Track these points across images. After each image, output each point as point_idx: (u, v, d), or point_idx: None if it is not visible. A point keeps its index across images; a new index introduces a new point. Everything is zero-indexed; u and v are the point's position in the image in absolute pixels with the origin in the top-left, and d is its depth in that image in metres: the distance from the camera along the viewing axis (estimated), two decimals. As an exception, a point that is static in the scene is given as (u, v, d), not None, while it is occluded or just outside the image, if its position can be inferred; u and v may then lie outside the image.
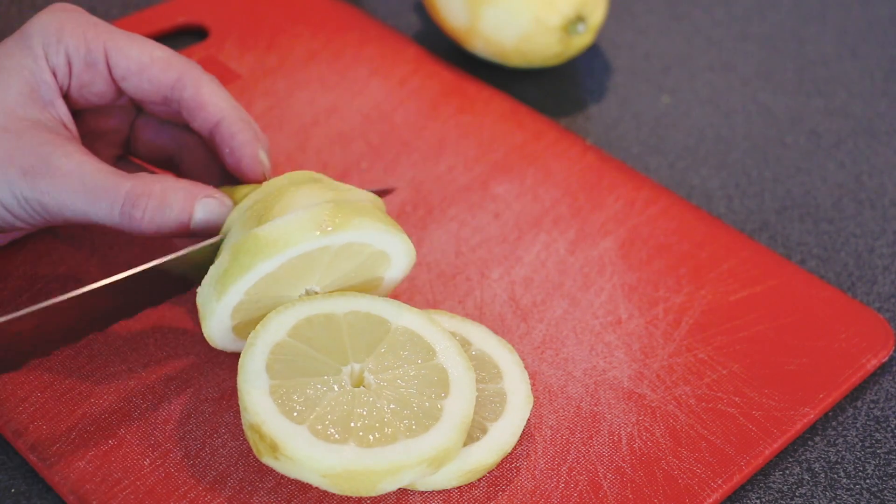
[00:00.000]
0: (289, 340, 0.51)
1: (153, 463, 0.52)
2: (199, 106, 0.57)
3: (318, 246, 0.52)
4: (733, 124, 0.73)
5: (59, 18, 0.55)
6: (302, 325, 0.52)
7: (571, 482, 0.52)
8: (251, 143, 0.57)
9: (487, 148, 0.68)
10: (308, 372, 0.50)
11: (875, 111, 0.74)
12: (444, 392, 0.50)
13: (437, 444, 0.49)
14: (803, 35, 0.81)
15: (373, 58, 0.74)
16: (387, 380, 0.51)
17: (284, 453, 0.48)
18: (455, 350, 0.52)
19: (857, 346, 0.58)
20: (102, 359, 0.56)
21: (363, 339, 0.52)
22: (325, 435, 0.48)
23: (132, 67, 0.56)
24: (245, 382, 0.49)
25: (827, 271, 0.64)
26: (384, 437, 0.48)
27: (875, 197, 0.68)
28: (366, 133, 0.69)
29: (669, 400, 0.55)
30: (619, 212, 0.64)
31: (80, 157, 0.53)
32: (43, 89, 0.55)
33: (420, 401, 0.50)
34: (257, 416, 0.48)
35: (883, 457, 0.55)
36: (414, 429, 0.49)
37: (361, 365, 0.51)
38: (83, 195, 0.52)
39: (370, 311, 0.53)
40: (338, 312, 0.53)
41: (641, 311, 0.59)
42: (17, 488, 0.53)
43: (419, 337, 0.52)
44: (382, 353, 0.51)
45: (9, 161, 0.52)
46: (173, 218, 0.53)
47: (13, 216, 0.53)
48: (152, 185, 0.53)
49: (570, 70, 0.77)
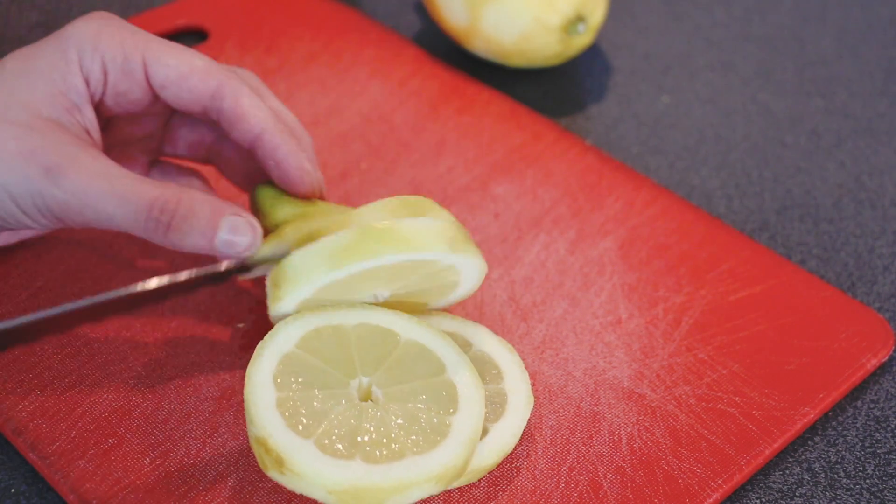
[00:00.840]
0: (297, 352, 0.50)
1: (153, 463, 0.52)
2: (239, 118, 0.56)
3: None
4: (733, 124, 0.73)
5: (98, 26, 0.55)
6: (310, 336, 0.51)
7: (572, 482, 0.52)
8: (295, 155, 0.56)
9: (487, 148, 0.68)
10: (315, 384, 0.49)
11: (875, 111, 0.74)
12: (452, 408, 0.50)
13: (444, 462, 0.48)
14: (803, 35, 0.81)
15: (372, 59, 0.74)
16: (395, 394, 0.50)
17: (290, 468, 0.47)
18: (465, 365, 0.52)
19: (857, 345, 0.58)
20: (102, 359, 0.56)
21: (372, 353, 0.51)
22: (331, 450, 0.47)
23: (171, 76, 0.55)
24: (252, 394, 0.49)
25: (827, 271, 0.64)
26: (392, 454, 0.48)
27: (875, 197, 0.68)
28: (365, 134, 0.69)
29: (669, 400, 0.55)
30: (619, 212, 0.64)
31: (107, 161, 0.53)
32: (72, 93, 0.54)
33: (428, 416, 0.49)
34: (263, 429, 0.48)
35: (883, 457, 0.55)
36: (422, 445, 0.48)
37: (370, 378, 0.50)
38: (111, 196, 0.51)
39: (380, 324, 0.52)
40: (347, 324, 0.52)
41: (641, 311, 0.59)
42: (17, 488, 0.53)
43: (429, 351, 0.52)
44: (391, 366, 0.51)
45: (31, 158, 0.51)
46: (199, 230, 0.52)
47: (25, 214, 0.53)
48: (180, 194, 0.52)
49: (570, 70, 0.77)
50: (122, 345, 0.57)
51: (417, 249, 0.51)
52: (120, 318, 0.58)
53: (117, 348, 0.57)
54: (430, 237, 0.51)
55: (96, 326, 0.58)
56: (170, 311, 0.59)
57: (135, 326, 0.58)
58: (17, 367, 0.56)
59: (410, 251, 0.51)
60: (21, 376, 0.55)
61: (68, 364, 0.56)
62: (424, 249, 0.51)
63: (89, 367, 0.56)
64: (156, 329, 0.58)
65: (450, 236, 0.52)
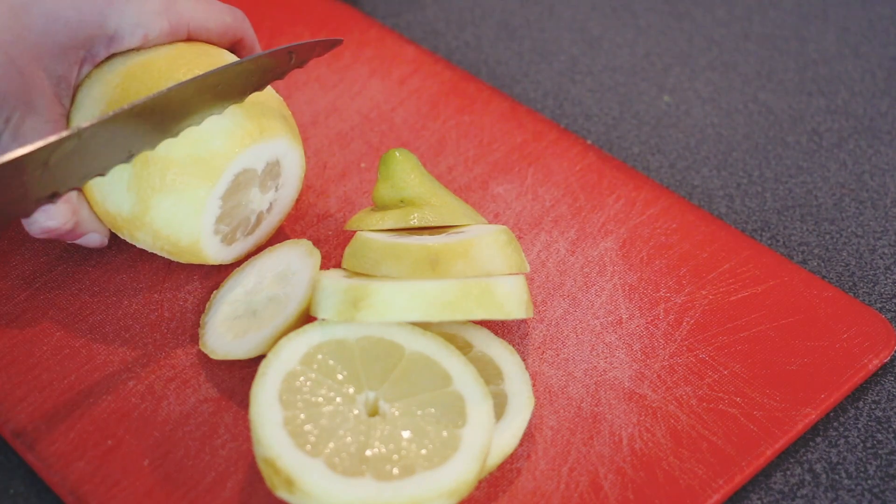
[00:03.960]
0: (301, 369, 0.50)
1: (153, 463, 0.52)
2: None
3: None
4: (734, 124, 0.73)
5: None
6: (314, 352, 0.51)
7: (572, 483, 0.52)
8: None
9: (487, 148, 0.68)
10: (322, 401, 0.49)
11: (877, 111, 0.74)
12: (461, 420, 0.49)
13: (456, 477, 0.48)
14: (804, 34, 0.80)
15: (372, 58, 0.74)
16: (402, 408, 0.50)
17: (300, 488, 0.46)
18: (471, 376, 0.51)
19: (859, 346, 0.57)
20: (102, 359, 0.56)
21: (377, 366, 0.51)
22: (341, 468, 0.47)
23: None
24: (258, 415, 0.48)
25: (828, 271, 0.64)
26: (402, 470, 0.47)
27: (877, 197, 0.68)
28: (365, 133, 0.69)
29: (670, 400, 0.55)
30: (619, 212, 0.64)
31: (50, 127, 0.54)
32: (81, 51, 0.56)
33: (437, 430, 0.49)
34: (271, 449, 0.47)
35: (885, 457, 0.55)
36: (433, 460, 0.48)
37: (376, 393, 0.50)
38: None
39: (383, 336, 0.52)
40: (350, 339, 0.52)
41: (642, 312, 0.59)
42: (16, 489, 0.53)
43: (434, 363, 0.51)
44: (397, 379, 0.50)
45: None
46: None
47: None
48: None
49: (571, 70, 0.77)
50: (120, 346, 0.57)
51: (506, 315, 0.52)
52: (119, 319, 0.58)
53: (116, 350, 0.57)
54: (516, 302, 0.53)
55: (95, 328, 0.58)
56: (168, 312, 0.58)
57: (133, 328, 0.58)
58: (16, 369, 0.56)
59: (500, 315, 0.52)
60: (20, 378, 0.55)
61: (67, 365, 0.56)
62: (511, 316, 0.53)
63: (88, 368, 0.56)
64: (154, 330, 0.58)
65: (526, 299, 0.54)
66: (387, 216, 0.57)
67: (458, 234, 0.56)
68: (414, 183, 0.58)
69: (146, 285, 0.60)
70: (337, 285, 0.52)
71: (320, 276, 0.54)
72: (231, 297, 0.57)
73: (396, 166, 0.59)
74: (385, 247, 0.54)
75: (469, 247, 0.54)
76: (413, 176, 0.59)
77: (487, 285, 0.52)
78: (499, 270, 0.54)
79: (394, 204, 0.58)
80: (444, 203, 0.58)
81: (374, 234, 0.56)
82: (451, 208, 0.58)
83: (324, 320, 0.52)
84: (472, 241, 0.54)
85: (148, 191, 0.55)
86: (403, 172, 0.58)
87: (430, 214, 0.57)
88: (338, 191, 0.65)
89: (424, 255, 0.53)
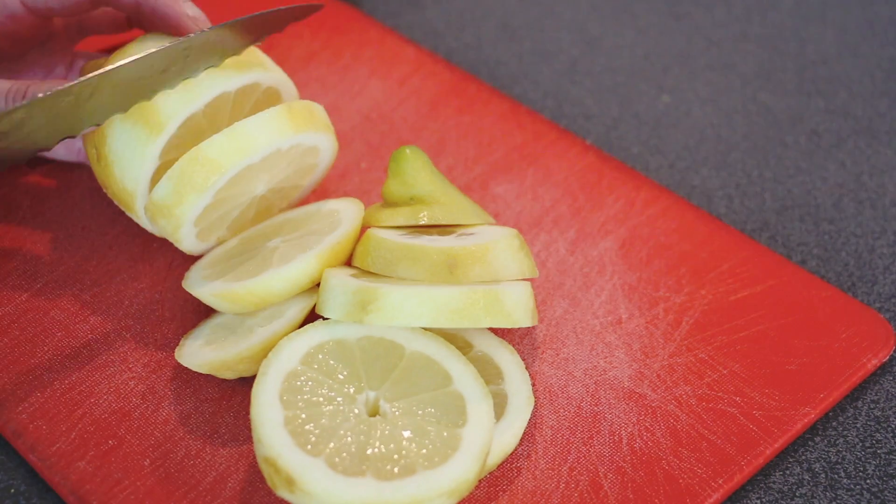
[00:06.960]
0: (302, 368, 0.50)
1: (153, 463, 0.52)
2: None
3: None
4: (733, 124, 0.73)
5: None
6: (314, 352, 0.51)
7: (572, 482, 0.52)
8: (173, 4, 0.59)
9: (487, 148, 0.68)
10: (322, 401, 0.49)
11: (876, 111, 0.74)
12: (461, 420, 0.49)
13: (456, 476, 0.48)
14: (804, 35, 0.80)
15: (372, 58, 0.74)
16: (403, 408, 0.50)
17: (301, 488, 0.47)
18: (471, 375, 0.51)
19: (858, 345, 0.58)
20: (102, 359, 0.56)
21: (377, 366, 0.51)
22: (342, 468, 0.47)
23: None
24: (259, 414, 0.48)
25: (827, 271, 0.64)
26: (402, 469, 0.47)
27: (875, 197, 0.68)
28: (365, 133, 0.69)
29: (670, 400, 0.55)
30: (619, 212, 0.64)
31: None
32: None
33: (437, 429, 0.49)
34: (272, 448, 0.47)
35: (883, 457, 0.55)
36: (433, 459, 0.48)
37: (376, 393, 0.50)
38: None
39: (383, 336, 0.52)
40: (350, 338, 0.52)
41: (642, 311, 0.59)
42: (17, 488, 0.53)
43: (434, 362, 0.51)
44: (397, 379, 0.50)
45: None
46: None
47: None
48: None
49: (570, 70, 0.77)
50: (121, 346, 0.57)
51: (514, 324, 0.53)
52: (120, 319, 0.58)
53: (117, 350, 0.57)
54: (524, 311, 0.53)
55: (96, 327, 0.58)
56: (169, 313, 0.58)
57: (134, 328, 0.58)
58: (17, 369, 0.56)
59: (507, 324, 0.52)
60: (21, 378, 0.55)
61: (68, 365, 0.56)
62: (518, 324, 0.53)
63: (89, 368, 0.56)
64: (155, 330, 0.58)
65: (532, 307, 0.54)
66: (397, 213, 0.58)
67: (471, 235, 0.56)
68: (424, 180, 0.59)
69: (146, 285, 0.60)
70: (346, 286, 0.52)
71: (327, 274, 0.54)
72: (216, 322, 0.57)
73: (406, 163, 0.59)
74: (401, 248, 0.54)
75: (486, 251, 0.54)
76: (423, 173, 0.59)
77: (497, 294, 0.52)
78: (511, 275, 0.55)
79: (403, 201, 0.59)
80: (454, 201, 0.58)
81: (387, 232, 0.56)
82: (460, 207, 0.58)
83: (325, 320, 0.52)
84: (488, 245, 0.54)
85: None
86: (413, 170, 0.59)
87: (439, 213, 0.58)
88: (338, 191, 0.65)
89: (443, 258, 0.53)
